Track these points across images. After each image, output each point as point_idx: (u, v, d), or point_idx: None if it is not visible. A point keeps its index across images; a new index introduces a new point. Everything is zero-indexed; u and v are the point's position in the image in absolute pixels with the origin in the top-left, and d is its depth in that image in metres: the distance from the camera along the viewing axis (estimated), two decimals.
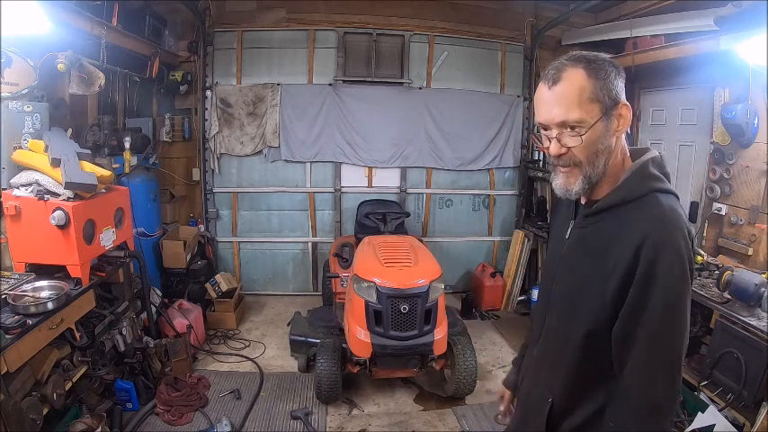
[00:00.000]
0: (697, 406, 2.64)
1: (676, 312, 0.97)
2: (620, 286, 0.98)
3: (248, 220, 5.02)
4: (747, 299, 2.46)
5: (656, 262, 0.94)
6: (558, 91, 1.01)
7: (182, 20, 4.56)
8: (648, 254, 0.95)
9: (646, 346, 0.97)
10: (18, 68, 2.63)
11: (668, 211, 0.99)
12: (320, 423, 3.02)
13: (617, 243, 1.00)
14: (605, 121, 1.01)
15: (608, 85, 1.01)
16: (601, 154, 1.03)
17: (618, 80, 1.03)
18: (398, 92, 4.85)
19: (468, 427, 3.03)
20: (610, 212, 1.05)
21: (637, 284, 0.96)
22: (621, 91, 1.03)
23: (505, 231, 5.31)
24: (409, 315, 2.91)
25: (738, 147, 3.15)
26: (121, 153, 3.55)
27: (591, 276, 1.05)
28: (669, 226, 0.97)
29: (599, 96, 1.00)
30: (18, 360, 2.08)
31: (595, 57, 1.04)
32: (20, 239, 2.50)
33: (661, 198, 1.01)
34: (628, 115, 1.03)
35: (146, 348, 3.19)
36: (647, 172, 1.05)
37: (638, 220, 0.99)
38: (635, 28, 3.78)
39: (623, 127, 1.04)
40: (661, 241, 0.95)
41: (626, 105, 1.03)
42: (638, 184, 1.04)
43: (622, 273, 0.98)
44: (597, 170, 1.04)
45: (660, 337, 0.97)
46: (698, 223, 3.57)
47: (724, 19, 2.97)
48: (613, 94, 1.01)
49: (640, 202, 1.01)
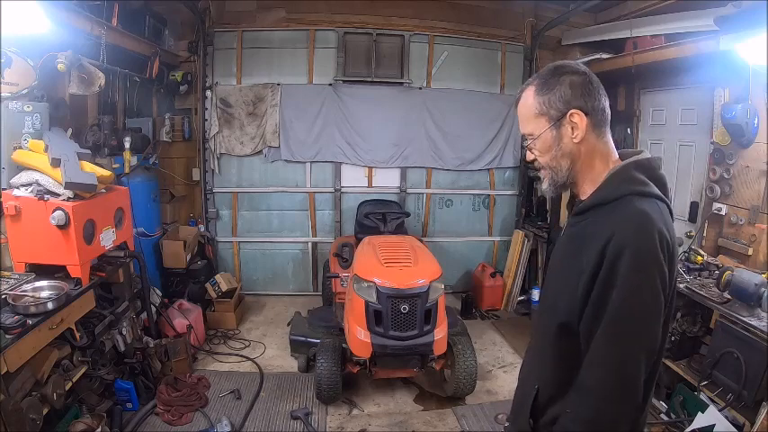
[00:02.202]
0: (697, 406, 2.64)
1: (634, 312, 0.98)
2: (588, 284, 1.02)
3: (248, 220, 5.02)
4: (747, 299, 2.46)
5: (617, 262, 0.97)
6: (518, 109, 1.18)
7: (182, 20, 4.56)
8: (611, 254, 0.98)
9: (601, 342, 1.00)
10: (18, 68, 2.63)
11: (636, 213, 1.01)
12: (320, 423, 3.02)
13: (590, 242, 1.04)
14: (554, 131, 1.12)
15: (552, 99, 1.10)
16: (561, 159, 1.13)
17: (566, 90, 1.10)
18: (398, 92, 4.85)
19: (468, 427, 3.03)
20: (591, 213, 1.10)
21: (599, 283, 1.00)
22: (575, 98, 1.10)
23: (505, 231, 5.31)
24: (409, 315, 2.91)
25: (738, 147, 3.15)
26: (121, 153, 3.55)
27: (569, 273, 1.09)
28: (633, 227, 0.99)
29: (543, 110, 1.12)
30: (18, 360, 2.08)
31: (550, 72, 1.13)
32: (20, 239, 2.50)
33: (635, 200, 1.03)
34: (579, 121, 1.10)
35: (146, 348, 3.19)
36: (626, 175, 1.08)
37: (608, 221, 1.03)
38: (635, 28, 3.78)
39: (579, 132, 1.10)
40: (623, 242, 0.98)
41: (576, 113, 1.09)
42: (614, 187, 1.07)
43: (590, 271, 1.01)
44: (561, 173, 1.14)
45: (615, 336, 0.99)
46: (698, 223, 3.57)
47: (724, 19, 2.97)
48: (560, 106, 1.10)
49: (616, 204, 1.05)
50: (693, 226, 3.63)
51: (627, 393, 0.99)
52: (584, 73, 1.12)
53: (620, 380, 0.99)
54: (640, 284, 0.98)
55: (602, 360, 1.00)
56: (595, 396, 1.01)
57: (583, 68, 1.13)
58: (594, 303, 1.01)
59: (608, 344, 1.00)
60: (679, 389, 2.86)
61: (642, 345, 1.00)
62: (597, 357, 1.01)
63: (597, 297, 1.00)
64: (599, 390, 1.01)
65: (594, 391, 1.01)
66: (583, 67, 1.14)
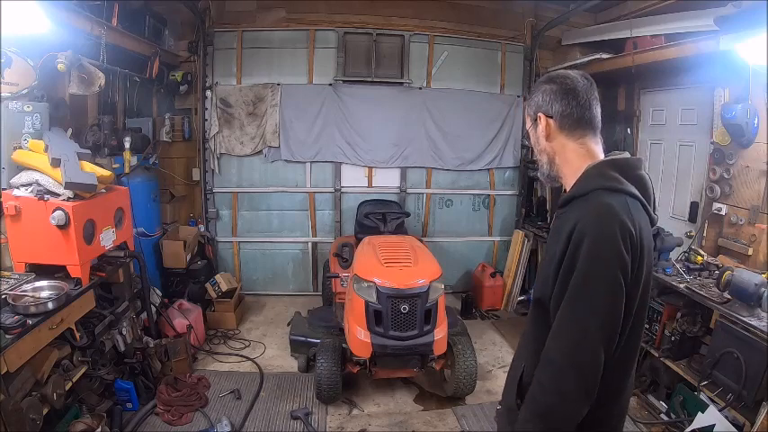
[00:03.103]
0: (697, 406, 2.64)
1: (590, 292, 1.09)
2: (556, 266, 1.15)
3: (248, 220, 5.02)
4: (747, 299, 2.46)
5: (579, 246, 1.09)
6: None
7: (182, 20, 4.56)
8: (574, 240, 1.11)
9: (562, 318, 1.12)
10: (18, 68, 2.63)
11: (599, 205, 1.13)
12: (320, 423, 3.02)
13: (562, 231, 1.16)
14: (533, 129, 1.32)
15: (530, 103, 1.32)
16: (540, 153, 1.32)
17: (540, 95, 1.27)
18: (398, 92, 4.85)
19: (468, 427, 3.03)
20: (570, 205, 1.21)
21: (564, 266, 1.13)
22: (544, 104, 1.27)
23: (505, 231, 5.31)
24: (409, 315, 2.91)
25: (738, 147, 3.15)
26: (121, 153, 3.55)
27: (548, 259, 1.22)
28: (595, 215, 1.11)
29: (528, 112, 1.34)
30: (18, 360, 2.08)
31: (540, 80, 1.31)
32: (20, 239, 2.50)
33: (603, 194, 1.14)
34: (541, 122, 1.28)
35: (146, 348, 3.19)
36: (599, 171, 1.19)
37: (577, 211, 1.15)
38: (635, 28, 3.78)
39: (545, 131, 1.28)
40: (585, 229, 1.10)
41: (540, 116, 1.28)
42: (586, 182, 1.19)
43: (559, 256, 1.14)
44: (543, 165, 1.32)
45: (573, 312, 1.11)
46: (698, 223, 3.58)
47: (724, 19, 2.97)
48: (533, 109, 1.30)
49: (586, 197, 1.16)
50: (693, 226, 3.63)
51: (582, 365, 1.09)
52: (562, 83, 1.25)
53: (575, 350, 1.09)
54: (597, 268, 1.09)
55: (560, 332, 1.12)
56: (556, 366, 1.11)
57: (567, 79, 1.25)
58: (560, 283, 1.13)
59: (566, 319, 1.11)
60: (679, 389, 2.86)
61: (596, 322, 1.09)
62: (557, 330, 1.13)
63: (562, 278, 1.13)
64: (558, 359, 1.11)
65: (555, 361, 1.12)
66: (571, 78, 1.25)
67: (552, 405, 1.12)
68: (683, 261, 3.17)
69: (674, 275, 3.02)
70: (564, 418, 1.11)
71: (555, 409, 1.11)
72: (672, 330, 2.98)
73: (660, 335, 3.07)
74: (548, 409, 1.12)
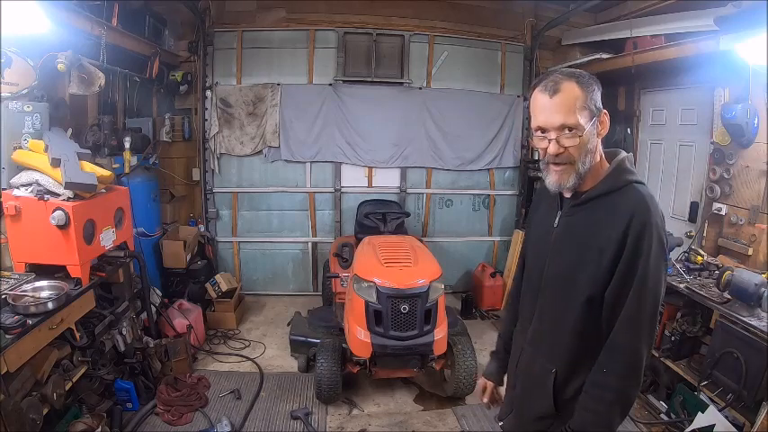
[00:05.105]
0: (697, 406, 2.64)
1: (656, 278, 1.19)
2: (613, 258, 1.19)
3: (248, 220, 5.02)
4: (747, 299, 2.46)
5: (641, 238, 1.17)
6: (558, 100, 1.21)
7: (182, 20, 4.56)
8: (635, 231, 1.17)
9: (634, 304, 1.18)
10: (18, 68, 2.63)
11: (647, 198, 1.22)
12: (320, 423, 3.02)
13: (607, 224, 1.21)
14: (593, 126, 1.24)
15: (593, 97, 1.24)
16: (589, 153, 1.25)
17: (598, 93, 1.26)
18: (398, 92, 4.85)
19: (468, 427, 3.03)
20: (597, 201, 1.26)
21: (626, 256, 1.18)
22: (600, 101, 1.26)
23: (505, 231, 5.31)
24: (409, 315, 2.91)
25: (738, 147, 3.15)
26: (121, 153, 3.55)
27: (585, 253, 1.25)
28: (650, 208, 1.20)
29: (588, 105, 1.22)
30: (18, 360, 2.08)
31: (581, 73, 1.26)
32: (20, 239, 2.50)
33: (639, 187, 1.24)
34: (606, 121, 1.27)
35: (146, 348, 3.19)
36: (625, 167, 1.28)
37: (624, 205, 1.21)
38: (635, 28, 3.78)
39: (604, 131, 1.27)
40: (644, 221, 1.17)
41: (605, 113, 1.27)
42: (618, 178, 1.26)
43: (614, 247, 1.19)
44: (585, 167, 1.26)
45: (644, 298, 1.18)
46: (698, 223, 3.57)
47: (724, 19, 2.97)
48: (598, 104, 1.25)
49: (622, 192, 1.24)
50: (693, 226, 3.63)
51: (650, 341, 1.21)
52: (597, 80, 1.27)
53: (651, 332, 1.20)
54: (660, 254, 1.18)
55: (641, 318, 1.19)
56: (639, 355, 1.19)
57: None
58: (622, 272, 1.19)
59: (646, 302, 1.18)
60: (679, 389, 2.86)
61: (659, 301, 1.20)
62: (636, 317, 1.19)
63: (625, 266, 1.18)
64: (640, 347, 1.18)
65: (639, 350, 1.19)
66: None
67: (633, 392, 1.20)
68: (683, 261, 3.17)
69: (675, 275, 3.02)
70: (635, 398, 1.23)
71: (633, 393, 1.21)
72: (672, 330, 2.98)
73: (660, 335, 3.07)
74: (629, 398, 1.21)
